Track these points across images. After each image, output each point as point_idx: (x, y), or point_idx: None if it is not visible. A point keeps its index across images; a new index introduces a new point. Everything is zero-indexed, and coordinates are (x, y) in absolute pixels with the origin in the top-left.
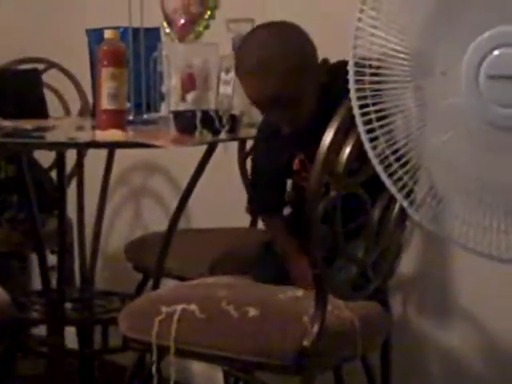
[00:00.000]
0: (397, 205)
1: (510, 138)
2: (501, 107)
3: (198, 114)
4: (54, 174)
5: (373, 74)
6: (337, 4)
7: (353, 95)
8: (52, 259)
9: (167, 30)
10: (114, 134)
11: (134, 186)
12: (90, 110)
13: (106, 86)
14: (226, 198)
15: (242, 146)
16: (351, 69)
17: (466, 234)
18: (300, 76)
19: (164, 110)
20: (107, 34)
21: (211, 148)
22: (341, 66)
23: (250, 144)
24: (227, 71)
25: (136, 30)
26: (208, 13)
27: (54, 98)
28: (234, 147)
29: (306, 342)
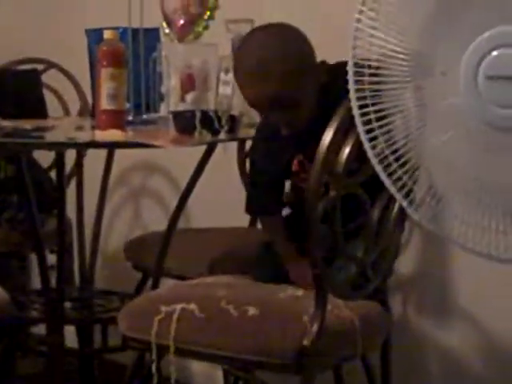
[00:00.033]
0: (396, 205)
1: (508, 138)
2: (499, 108)
3: (198, 114)
4: (53, 174)
5: (372, 75)
6: (336, 5)
7: (352, 95)
8: (51, 259)
9: (167, 31)
10: (114, 134)
11: (133, 186)
12: (90, 111)
13: (106, 87)
14: (225, 197)
15: (241, 146)
16: (351, 69)
17: (464, 234)
18: (299, 77)
19: (163, 111)
20: (107, 35)
21: (211, 148)
22: (340, 67)
23: (249, 144)
24: (226, 71)
25: (135, 31)
26: (207, 13)
27: (54, 98)
28: (233, 147)
29: (305, 342)
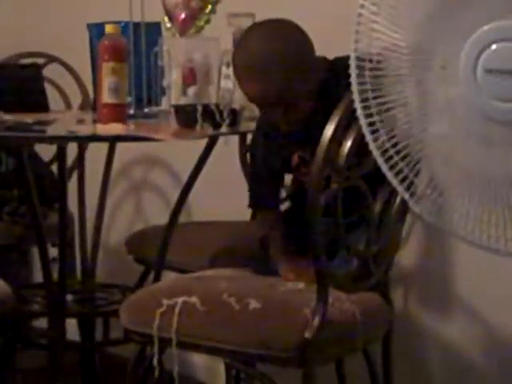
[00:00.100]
0: (398, 198)
1: (507, 132)
2: (498, 101)
3: (199, 107)
4: (54, 168)
5: (373, 69)
6: None
7: (354, 89)
8: (53, 252)
9: (168, 25)
10: (115, 128)
11: (134, 180)
12: (91, 104)
13: (107, 81)
14: (226, 191)
15: (242, 139)
16: (353, 63)
17: (465, 227)
18: (298, 73)
19: (165, 104)
20: (108, 29)
21: (212, 142)
22: (340, 62)
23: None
24: (228, 65)
25: (137, 25)
26: (209, 7)
27: (55, 92)
28: (234, 141)
29: (307, 335)
